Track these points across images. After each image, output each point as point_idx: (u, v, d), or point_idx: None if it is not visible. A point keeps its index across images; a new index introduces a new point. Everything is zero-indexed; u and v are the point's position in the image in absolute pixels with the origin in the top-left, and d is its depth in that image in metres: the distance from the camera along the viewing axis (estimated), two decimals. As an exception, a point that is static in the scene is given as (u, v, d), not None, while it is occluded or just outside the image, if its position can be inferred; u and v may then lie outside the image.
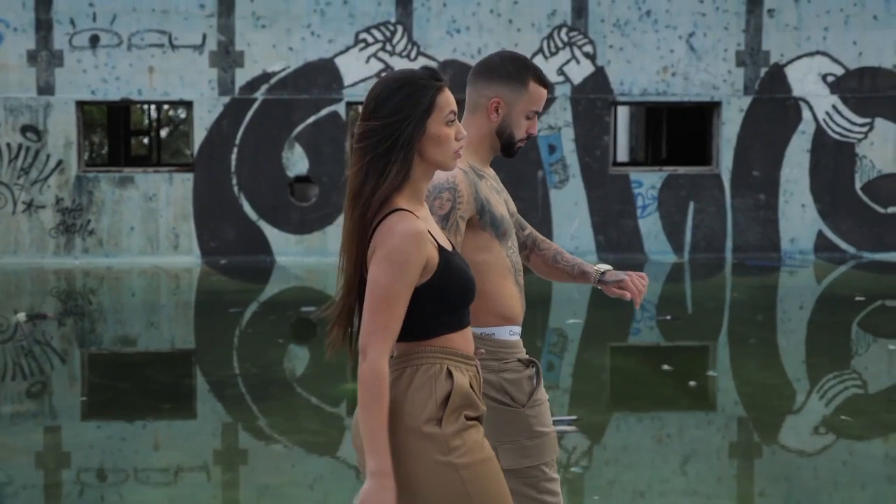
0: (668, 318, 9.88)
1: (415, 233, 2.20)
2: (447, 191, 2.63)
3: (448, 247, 2.33)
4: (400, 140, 2.22)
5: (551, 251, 3.05)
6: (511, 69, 2.78)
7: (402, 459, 2.21)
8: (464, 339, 2.33)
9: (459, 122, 2.39)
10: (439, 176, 2.61)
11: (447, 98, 2.30)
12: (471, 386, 2.30)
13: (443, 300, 2.27)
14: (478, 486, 2.23)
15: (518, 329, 2.76)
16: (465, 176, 2.68)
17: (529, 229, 3.06)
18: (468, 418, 2.28)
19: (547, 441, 2.74)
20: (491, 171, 2.85)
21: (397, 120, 2.22)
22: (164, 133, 29.65)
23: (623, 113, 24.78)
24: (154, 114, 25.28)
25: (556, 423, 5.71)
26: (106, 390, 7.32)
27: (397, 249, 2.19)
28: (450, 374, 2.26)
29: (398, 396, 2.24)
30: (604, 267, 2.97)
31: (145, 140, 27.64)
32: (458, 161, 2.48)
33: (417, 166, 2.27)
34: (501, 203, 2.78)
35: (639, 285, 2.91)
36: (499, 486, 2.28)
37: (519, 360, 2.73)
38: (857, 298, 11.55)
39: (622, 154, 25.84)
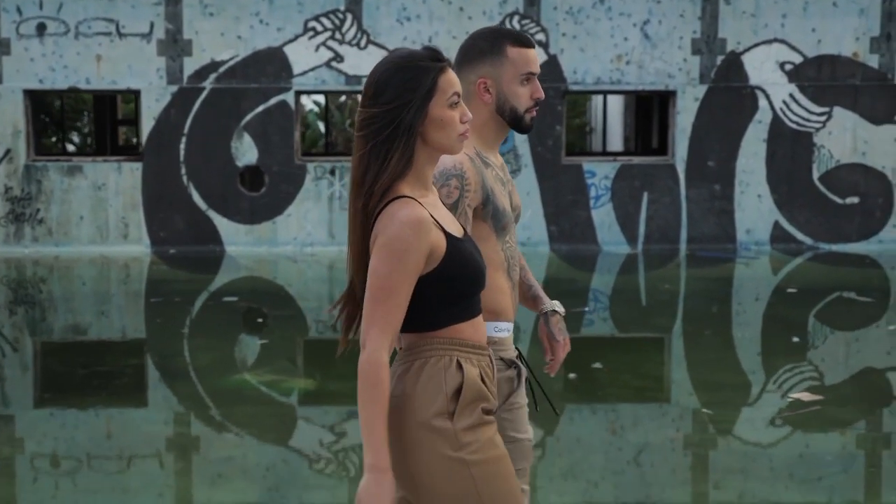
0: (585, 310, 9.76)
1: (415, 220, 2.11)
2: (455, 178, 2.51)
3: (457, 233, 2.24)
4: (401, 126, 2.13)
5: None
6: (484, 44, 2.64)
7: (411, 452, 2.15)
8: (474, 329, 2.24)
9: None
10: (445, 161, 2.49)
11: (449, 79, 2.18)
12: (482, 378, 2.22)
13: (451, 289, 2.19)
14: (488, 484, 2.16)
15: (506, 325, 2.61)
16: (471, 163, 2.56)
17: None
18: (484, 412, 2.21)
19: (520, 447, 2.61)
20: (498, 160, 2.72)
21: (398, 105, 2.13)
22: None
23: (617, 102, 24.53)
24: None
25: None
26: (57, 379, 7.31)
27: (396, 237, 2.10)
28: (460, 366, 2.19)
29: (407, 390, 2.18)
30: (556, 308, 2.80)
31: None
32: (465, 146, 2.38)
33: (421, 151, 2.18)
34: (505, 195, 2.66)
35: (560, 358, 2.78)
36: (510, 487, 2.21)
37: (501, 360, 2.58)
38: (789, 290, 11.40)
39: (616, 143, 25.62)
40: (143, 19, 14.37)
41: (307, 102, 28.14)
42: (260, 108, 14.51)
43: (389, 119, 2.12)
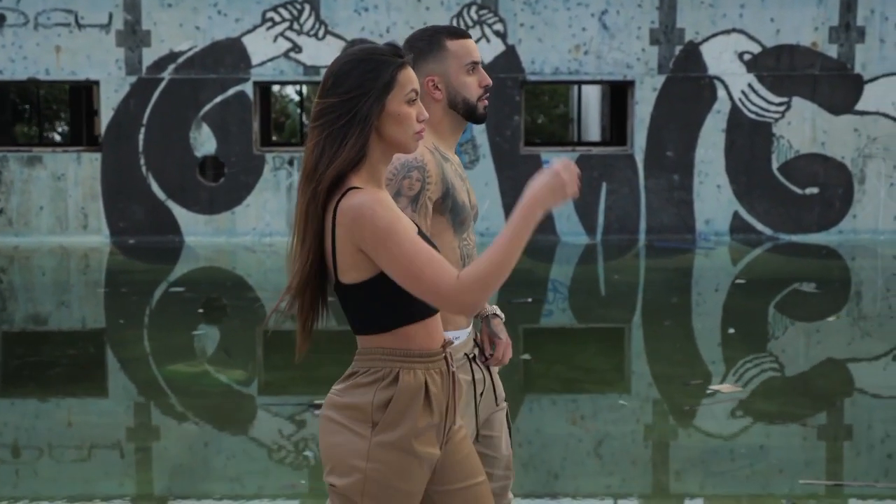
0: (529, 300, 9.75)
1: (375, 198, 2.10)
2: (416, 170, 2.50)
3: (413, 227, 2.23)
4: (357, 116, 2.12)
5: None
6: (422, 44, 2.67)
7: (328, 431, 2.19)
8: (427, 331, 2.20)
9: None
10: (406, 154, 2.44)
11: (408, 76, 2.18)
12: (427, 388, 2.17)
13: (403, 289, 2.14)
14: (373, 484, 2.14)
15: (455, 334, 2.56)
16: (432, 155, 2.56)
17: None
18: (419, 434, 2.16)
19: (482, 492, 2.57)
20: (456, 158, 2.72)
21: (355, 96, 2.12)
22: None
23: (595, 91, 24.52)
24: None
25: None
26: (18, 368, 7.34)
27: (377, 219, 2.07)
28: (396, 379, 2.16)
29: (343, 393, 2.19)
30: (498, 311, 2.81)
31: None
32: (422, 142, 2.38)
33: (376, 146, 2.17)
34: (464, 191, 2.65)
35: (503, 357, 2.75)
36: (395, 496, 2.16)
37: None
38: (738, 281, 11.38)
39: (594, 133, 25.59)
40: (101, 10, 14.40)
41: (290, 92, 28.17)
42: (218, 99, 14.53)
43: (346, 109, 2.12)
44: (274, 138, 24.78)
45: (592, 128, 25.92)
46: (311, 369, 7.27)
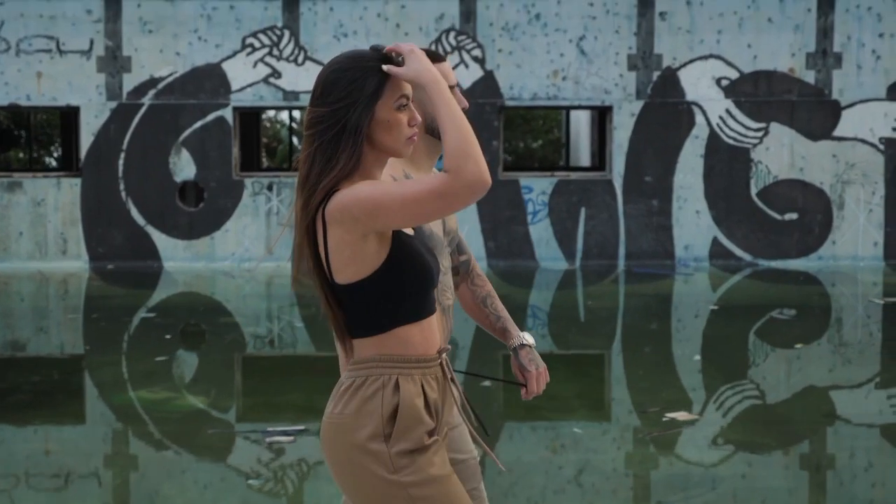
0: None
1: (351, 188, 2.11)
2: None
3: (407, 230, 2.23)
4: (348, 126, 2.11)
5: (483, 291, 2.90)
6: None
7: (350, 473, 2.15)
8: (423, 335, 2.20)
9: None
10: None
11: (399, 81, 2.15)
12: (425, 394, 2.18)
13: (398, 286, 2.15)
14: (419, 489, 2.13)
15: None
16: None
17: (468, 256, 2.90)
18: (429, 434, 2.17)
19: (464, 468, 2.60)
20: None
21: (344, 105, 2.11)
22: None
23: (585, 116, 24.57)
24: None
25: (280, 433, 5.73)
26: (45, 396, 7.30)
27: (358, 191, 2.08)
28: (397, 386, 2.15)
29: (346, 409, 2.16)
30: (527, 339, 2.81)
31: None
32: (393, 169, 2.38)
33: (368, 153, 2.16)
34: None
35: (538, 387, 2.77)
36: (443, 484, 2.16)
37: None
38: (713, 307, 11.35)
39: (585, 159, 25.62)
40: (82, 36, 14.50)
41: (285, 117, 28.25)
42: (198, 124, 14.59)
43: (336, 119, 2.11)
44: (265, 164, 24.91)
45: (583, 153, 25.97)
46: (274, 394, 7.28)
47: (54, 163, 30.09)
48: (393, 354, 2.17)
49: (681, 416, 6.21)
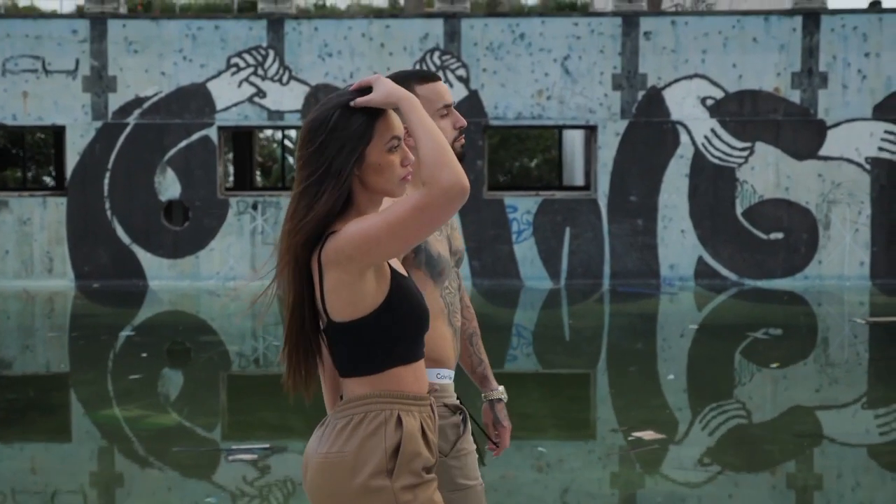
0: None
1: (344, 229, 2.10)
2: None
3: (401, 271, 2.21)
4: (331, 170, 2.09)
5: (471, 327, 2.88)
6: None
7: None
8: (415, 376, 2.19)
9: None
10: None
11: (389, 122, 2.13)
12: (423, 431, 2.18)
13: (394, 327, 2.14)
14: None
15: (448, 372, 2.61)
16: None
17: (459, 283, 2.87)
18: (425, 469, 2.17)
19: (471, 495, 2.60)
20: None
21: (328, 150, 2.10)
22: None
23: (580, 136, 24.56)
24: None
25: (244, 451, 5.73)
26: (16, 413, 7.31)
27: (350, 231, 2.08)
28: (400, 422, 2.14)
29: (346, 447, 2.13)
30: (501, 395, 2.83)
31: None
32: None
33: (361, 194, 2.15)
34: (442, 241, 2.63)
35: (505, 443, 2.84)
36: None
37: (445, 406, 2.57)
38: (691, 326, 11.30)
39: (579, 178, 25.62)
40: (68, 56, 14.56)
41: (279, 136, 28.32)
42: (183, 144, 14.62)
43: (319, 163, 2.10)
44: (260, 182, 24.93)
45: (578, 172, 25.96)
46: (246, 413, 7.28)
47: (52, 182, 30.18)
48: (390, 391, 2.15)
49: (647, 434, 6.18)
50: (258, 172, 26.69)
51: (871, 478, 5.61)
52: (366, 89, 2.13)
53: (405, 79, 2.64)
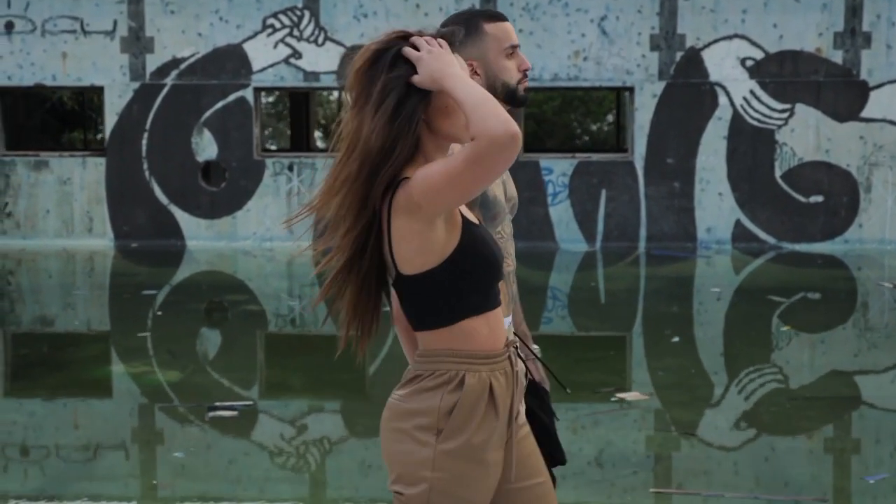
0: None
1: (414, 175, 2.05)
2: None
3: (473, 219, 2.18)
4: (403, 113, 2.04)
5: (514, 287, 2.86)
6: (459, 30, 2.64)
7: (390, 440, 2.15)
8: (489, 327, 2.15)
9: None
10: None
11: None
12: (492, 390, 2.13)
13: (466, 277, 2.10)
14: (438, 494, 2.12)
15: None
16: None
17: (512, 230, 2.84)
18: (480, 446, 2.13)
19: (540, 489, 2.54)
20: None
21: (396, 91, 2.05)
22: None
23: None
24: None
25: (225, 408, 5.82)
26: (26, 369, 7.49)
27: (416, 177, 2.03)
28: (461, 383, 2.11)
29: (408, 397, 2.14)
30: (538, 353, 2.84)
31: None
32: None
33: (428, 140, 2.10)
34: (499, 184, 2.60)
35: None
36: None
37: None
38: (713, 289, 11.23)
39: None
40: (106, 17, 14.62)
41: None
42: (219, 105, 14.68)
43: (390, 103, 2.04)
44: (320, 144, 24.83)
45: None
46: (251, 371, 7.38)
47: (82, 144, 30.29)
48: (461, 350, 2.12)
49: (632, 395, 6.19)
50: (319, 133, 26.48)
51: (908, 443, 5.58)
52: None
53: (473, 16, 2.60)
